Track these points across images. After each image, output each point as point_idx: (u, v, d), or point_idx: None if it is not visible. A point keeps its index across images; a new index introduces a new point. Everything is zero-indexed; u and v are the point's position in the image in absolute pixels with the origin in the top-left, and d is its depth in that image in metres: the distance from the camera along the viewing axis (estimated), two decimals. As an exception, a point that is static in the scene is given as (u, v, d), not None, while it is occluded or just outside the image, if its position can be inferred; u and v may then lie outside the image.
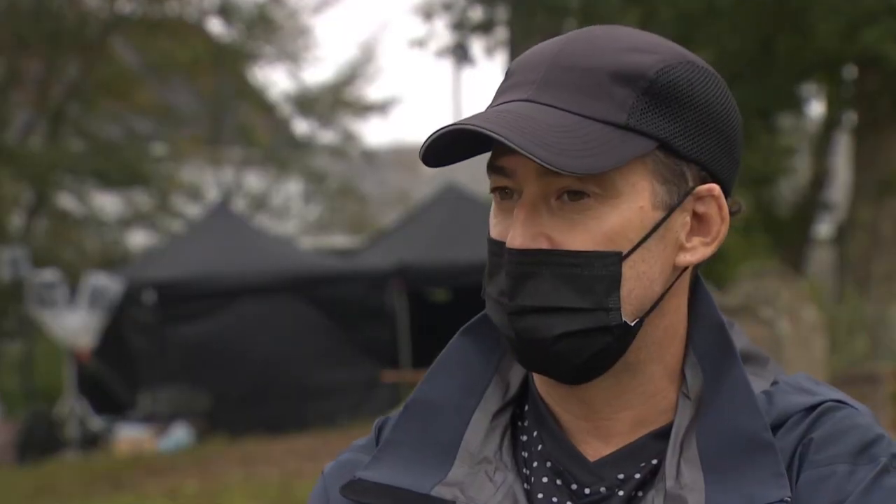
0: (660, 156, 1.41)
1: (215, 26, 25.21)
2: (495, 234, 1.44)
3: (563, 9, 16.85)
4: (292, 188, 26.32)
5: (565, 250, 1.40)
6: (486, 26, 18.29)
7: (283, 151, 25.29)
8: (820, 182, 20.48)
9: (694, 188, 1.44)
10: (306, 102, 25.84)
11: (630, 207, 1.40)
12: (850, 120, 19.01)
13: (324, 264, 17.69)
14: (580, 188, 1.39)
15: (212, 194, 24.11)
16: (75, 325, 15.58)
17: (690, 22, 16.10)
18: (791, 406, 1.46)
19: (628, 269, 1.41)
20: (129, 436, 15.18)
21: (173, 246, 18.18)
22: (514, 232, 1.40)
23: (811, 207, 20.34)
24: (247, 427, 15.44)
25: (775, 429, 1.44)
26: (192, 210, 23.75)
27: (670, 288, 1.45)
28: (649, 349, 1.45)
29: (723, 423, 1.44)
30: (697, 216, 1.46)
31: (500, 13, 18.65)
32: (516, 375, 1.51)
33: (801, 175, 20.82)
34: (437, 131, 1.40)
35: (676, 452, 1.44)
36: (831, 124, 20.49)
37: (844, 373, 12.39)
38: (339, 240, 26.48)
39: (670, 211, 1.43)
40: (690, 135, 1.43)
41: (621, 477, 1.45)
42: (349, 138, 26.34)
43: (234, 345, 16.15)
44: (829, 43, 15.18)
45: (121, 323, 15.94)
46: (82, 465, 14.08)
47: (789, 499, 1.40)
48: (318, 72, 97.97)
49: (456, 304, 18.46)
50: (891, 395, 12.15)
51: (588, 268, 1.40)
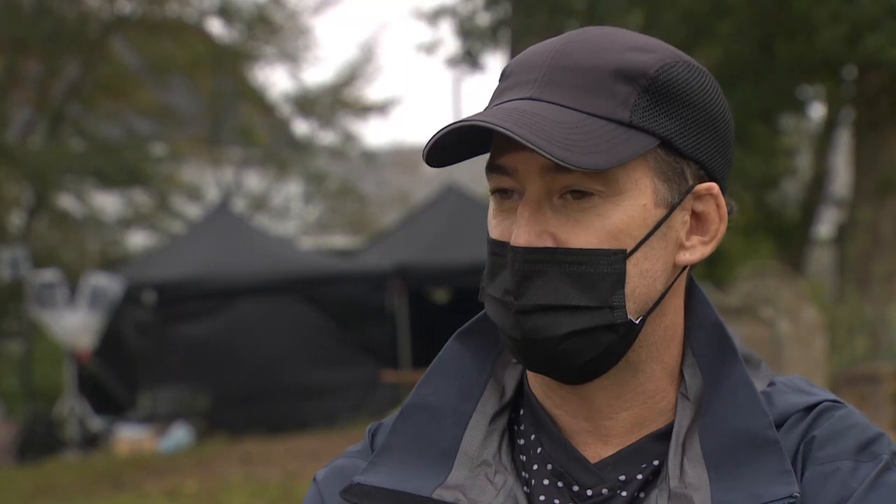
0: (661, 154, 1.42)
1: (215, 27, 25.24)
2: (496, 235, 1.43)
3: (566, 8, 16.84)
4: (292, 188, 26.32)
5: (570, 248, 1.40)
6: (494, 31, 18.30)
7: (283, 152, 25.29)
8: (821, 182, 20.49)
9: (693, 186, 1.45)
10: (306, 103, 25.83)
11: (633, 205, 1.40)
12: (850, 120, 19.01)
13: (324, 264, 17.68)
14: (583, 186, 1.40)
15: (212, 194, 24.11)
16: (75, 325, 15.57)
17: (694, 23, 16.10)
18: (790, 406, 1.47)
19: (632, 267, 1.41)
20: (129, 436, 15.17)
21: (173, 246, 18.18)
22: (518, 230, 1.40)
23: (812, 207, 20.35)
24: (247, 427, 15.44)
25: (776, 428, 1.45)
26: (192, 210, 23.75)
27: (671, 287, 1.45)
28: (650, 349, 1.46)
29: (726, 422, 1.44)
30: (696, 215, 1.46)
31: (501, 12, 18.65)
32: (511, 379, 1.52)
33: (801, 175, 20.83)
34: (443, 129, 1.40)
35: (679, 452, 1.44)
36: (832, 124, 20.51)
37: (844, 373, 12.39)
38: (339, 240, 26.48)
39: (672, 209, 1.43)
40: (690, 133, 1.43)
41: (623, 478, 1.45)
42: (349, 139, 26.34)
43: (234, 345, 16.15)
44: (832, 48, 15.19)
45: (121, 323, 15.94)
46: (82, 465, 14.08)
47: (799, 494, 1.40)
48: (318, 72, 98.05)
49: (456, 305, 18.47)
50: (891, 395, 12.15)
51: (593, 265, 1.40)
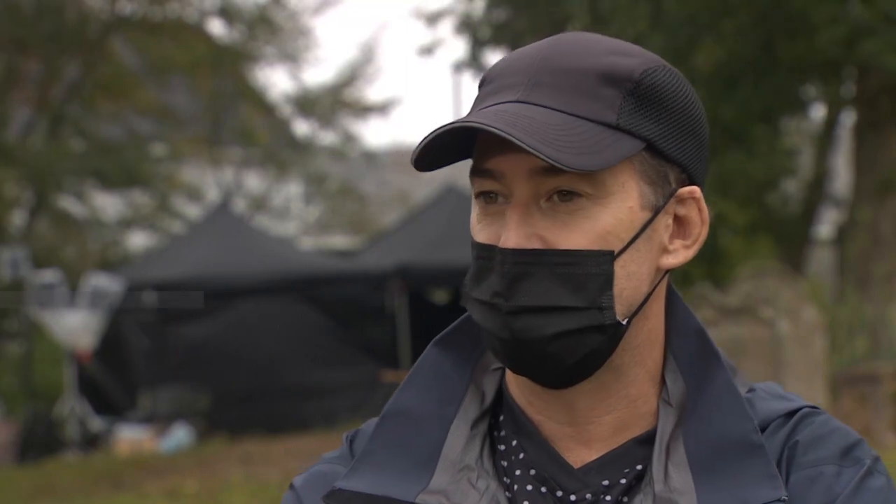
0: (646, 157, 1.43)
1: (216, 27, 25.23)
2: (483, 239, 1.44)
3: (570, 9, 16.86)
4: (292, 189, 26.32)
5: (559, 249, 1.40)
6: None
7: (283, 152, 25.29)
8: (821, 182, 20.49)
9: (676, 190, 1.46)
10: (306, 103, 25.83)
11: (620, 207, 1.41)
12: (850, 120, 19.02)
13: (324, 265, 17.69)
14: (572, 188, 1.40)
15: (212, 195, 24.11)
16: (75, 325, 15.57)
17: (697, 23, 16.11)
18: (772, 411, 1.49)
19: (620, 269, 1.42)
20: (130, 436, 15.18)
21: (173, 246, 18.18)
22: (507, 233, 1.40)
23: (812, 208, 20.35)
24: (247, 427, 15.44)
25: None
26: (193, 211, 23.75)
27: (654, 290, 1.46)
28: (633, 352, 1.46)
29: (711, 427, 1.45)
30: (678, 219, 1.47)
31: (504, 14, 18.67)
32: (490, 385, 1.52)
33: (802, 175, 20.82)
34: (435, 131, 1.40)
35: (663, 457, 1.44)
36: (832, 125, 20.51)
37: (845, 373, 12.39)
38: (340, 240, 26.48)
39: (656, 212, 1.44)
40: (673, 136, 1.44)
41: (606, 483, 1.46)
42: (349, 139, 26.34)
43: (234, 345, 16.15)
44: (831, 49, 15.21)
45: (121, 323, 15.94)
46: (82, 466, 14.08)
47: (786, 498, 1.41)
48: (319, 73, 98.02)
49: (456, 305, 18.47)
50: (891, 395, 12.15)
51: (581, 266, 1.40)
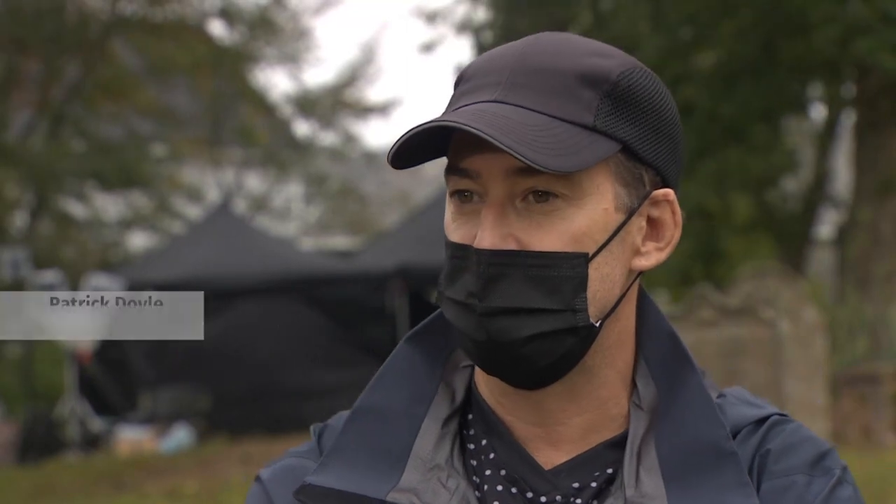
0: (621, 159, 1.42)
1: (216, 28, 25.23)
2: (457, 239, 1.43)
3: (572, 8, 16.89)
4: (293, 189, 26.32)
5: (534, 251, 1.40)
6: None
7: (283, 152, 25.29)
8: (821, 183, 20.49)
9: (650, 192, 1.45)
10: (307, 104, 25.84)
11: (595, 209, 1.41)
12: (850, 120, 19.02)
13: (324, 265, 17.69)
14: (547, 188, 1.40)
15: (212, 195, 24.11)
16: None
17: (697, 23, 16.12)
18: (742, 418, 1.49)
19: (594, 271, 1.41)
20: (130, 436, 15.17)
21: (174, 247, 18.18)
22: (483, 233, 1.40)
23: (812, 208, 20.35)
24: (247, 427, 15.43)
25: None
26: (193, 211, 23.74)
27: (627, 292, 1.46)
28: (604, 353, 1.46)
29: (683, 432, 1.45)
30: (652, 221, 1.47)
31: (505, 12, 18.67)
32: (460, 383, 1.51)
33: (802, 176, 20.83)
34: (413, 129, 1.39)
35: (634, 461, 1.44)
36: (833, 125, 20.51)
37: (845, 373, 12.38)
38: (340, 241, 26.48)
39: (630, 214, 1.44)
40: (648, 139, 1.44)
41: (576, 485, 1.46)
42: (350, 139, 26.35)
43: (234, 346, 16.14)
44: (827, 49, 15.23)
45: (121, 324, 15.94)
46: (83, 466, 14.08)
47: None
48: (319, 73, 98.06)
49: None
50: (891, 396, 12.15)
51: (556, 268, 1.40)
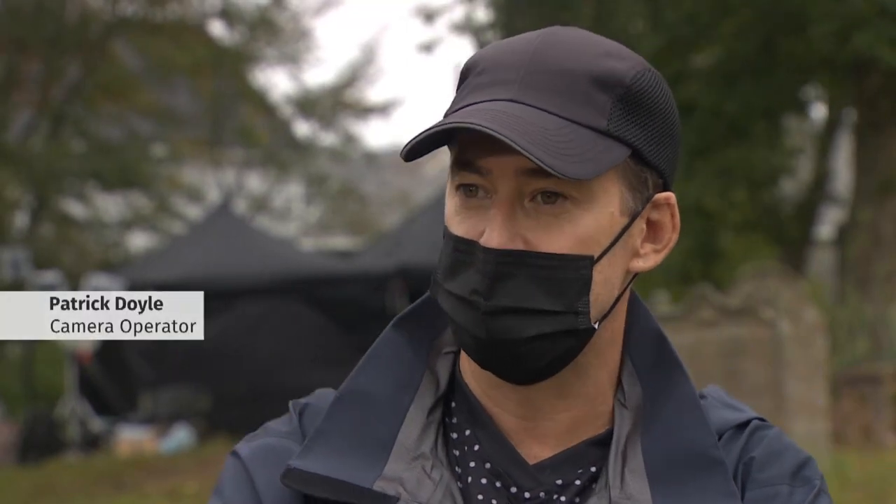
0: (629, 163, 1.42)
1: (217, 29, 25.22)
2: (462, 232, 1.43)
3: (573, 6, 16.89)
4: (293, 189, 26.31)
5: (542, 252, 1.40)
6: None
7: (283, 153, 25.28)
8: (821, 183, 20.49)
9: (653, 195, 1.46)
10: (307, 104, 25.82)
11: (603, 212, 1.41)
12: (851, 120, 19.02)
13: (324, 265, 17.69)
14: (557, 189, 1.40)
15: (212, 196, 24.10)
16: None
17: (697, 22, 16.13)
18: (724, 422, 1.49)
19: (597, 274, 1.42)
20: (130, 437, 15.17)
21: (174, 247, 18.18)
22: (491, 231, 1.40)
23: (813, 208, 20.35)
24: (247, 428, 15.25)
25: None
26: (193, 211, 23.74)
27: (623, 293, 1.47)
28: (596, 352, 1.46)
29: (671, 437, 1.45)
30: (651, 223, 1.47)
31: (505, 11, 18.68)
32: (444, 370, 1.51)
33: (802, 176, 20.82)
34: (433, 128, 1.40)
35: (619, 461, 1.44)
36: (833, 125, 20.50)
37: (845, 373, 12.39)
38: (340, 241, 26.48)
39: (633, 217, 1.44)
40: (655, 142, 1.44)
41: (560, 482, 1.45)
42: (350, 140, 26.33)
43: (234, 346, 16.14)
44: (825, 45, 15.23)
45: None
46: (83, 466, 14.08)
47: None
48: (319, 73, 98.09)
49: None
50: (891, 396, 12.16)
51: (563, 270, 1.40)
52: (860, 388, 12.24)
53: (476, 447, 1.47)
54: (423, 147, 1.43)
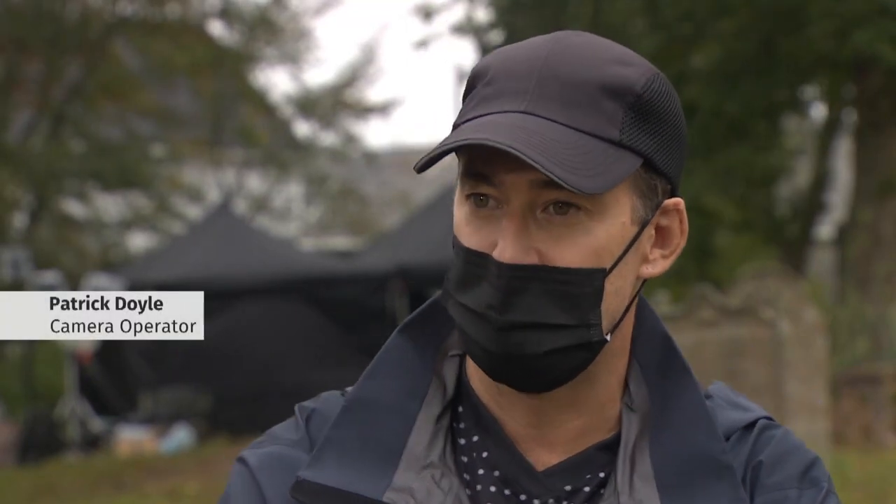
0: (640, 171, 1.42)
1: (217, 29, 25.22)
2: (474, 244, 1.42)
3: (572, 7, 16.90)
4: (293, 189, 26.31)
5: (556, 267, 1.39)
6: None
7: (283, 153, 25.28)
8: (821, 183, 20.48)
9: (662, 202, 1.45)
10: (307, 104, 25.82)
11: (614, 223, 1.41)
12: (851, 121, 19.02)
13: (324, 266, 17.69)
14: (570, 200, 1.39)
15: (213, 196, 24.10)
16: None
17: (696, 21, 16.13)
18: (731, 423, 1.49)
19: (609, 285, 1.41)
20: (130, 437, 15.17)
21: (174, 247, 18.18)
22: (504, 245, 1.39)
23: (813, 208, 20.34)
24: (248, 428, 15.40)
25: None
26: (193, 211, 23.74)
27: (633, 300, 1.46)
28: (606, 360, 1.45)
29: (680, 442, 1.44)
30: (659, 229, 1.46)
31: (504, 13, 18.68)
32: (451, 375, 1.50)
33: (802, 176, 20.82)
34: (457, 142, 1.37)
35: (628, 467, 1.44)
36: (833, 125, 20.50)
37: (845, 374, 12.39)
38: (340, 241, 26.47)
39: (644, 225, 1.44)
40: (666, 149, 1.43)
41: (569, 488, 1.45)
42: (350, 140, 26.33)
43: (235, 346, 16.14)
44: (825, 44, 15.23)
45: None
46: (83, 466, 14.08)
47: None
48: (320, 73, 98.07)
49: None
50: (892, 396, 12.16)
51: (576, 285, 1.39)
52: (860, 388, 12.25)
53: (484, 454, 1.47)
54: (436, 159, 1.42)
